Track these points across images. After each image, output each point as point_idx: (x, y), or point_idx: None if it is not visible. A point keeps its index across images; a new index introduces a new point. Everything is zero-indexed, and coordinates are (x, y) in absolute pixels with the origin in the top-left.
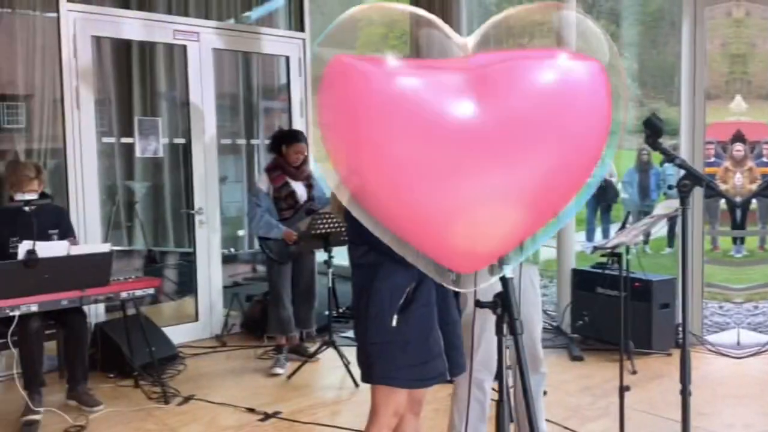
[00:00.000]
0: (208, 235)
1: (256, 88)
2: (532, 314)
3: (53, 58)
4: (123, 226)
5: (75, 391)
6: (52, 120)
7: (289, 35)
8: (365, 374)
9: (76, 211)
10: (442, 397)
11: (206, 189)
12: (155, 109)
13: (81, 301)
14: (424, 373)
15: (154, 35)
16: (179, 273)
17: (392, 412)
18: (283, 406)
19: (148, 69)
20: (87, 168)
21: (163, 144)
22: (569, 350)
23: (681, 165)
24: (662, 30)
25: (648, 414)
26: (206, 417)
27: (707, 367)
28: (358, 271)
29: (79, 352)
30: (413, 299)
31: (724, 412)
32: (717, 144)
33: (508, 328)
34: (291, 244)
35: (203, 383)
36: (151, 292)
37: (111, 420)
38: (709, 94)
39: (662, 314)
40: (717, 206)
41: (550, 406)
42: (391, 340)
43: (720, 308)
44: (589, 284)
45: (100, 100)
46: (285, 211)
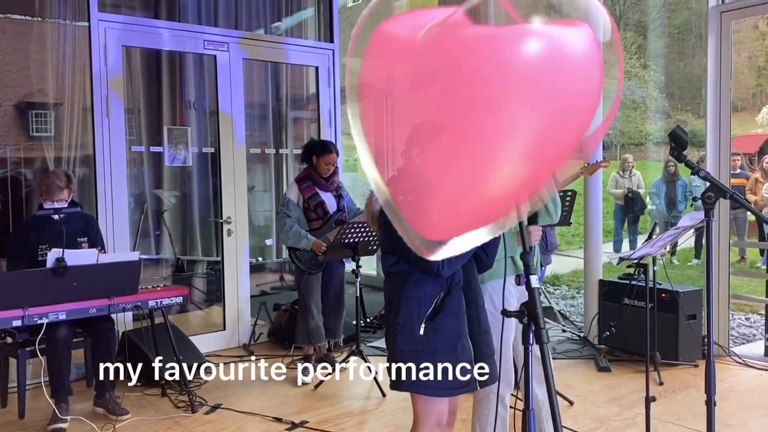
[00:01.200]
0: (236, 244)
1: (285, 98)
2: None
3: (83, 67)
4: (151, 234)
5: (102, 399)
6: (81, 128)
7: (319, 46)
8: (394, 382)
9: (105, 219)
10: (470, 407)
11: (235, 198)
12: (184, 118)
13: (109, 309)
14: (452, 381)
15: (184, 45)
16: (207, 282)
17: (435, 423)
18: (310, 416)
19: (178, 78)
20: (116, 176)
21: (192, 153)
22: (596, 361)
23: (705, 177)
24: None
25: (674, 425)
26: (233, 426)
27: (733, 378)
28: (389, 280)
29: (106, 360)
30: (442, 308)
31: (749, 424)
32: (743, 156)
33: (534, 337)
34: (320, 254)
35: (230, 392)
36: (178, 301)
37: (138, 428)
38: (735, 106)
39: (689, 325)
40: (744, 218)
41: (576, 417)
42: (420, 348)
43: (747, 319)
44: (616, 295)
45: (130, 109)
46: (315, 221)
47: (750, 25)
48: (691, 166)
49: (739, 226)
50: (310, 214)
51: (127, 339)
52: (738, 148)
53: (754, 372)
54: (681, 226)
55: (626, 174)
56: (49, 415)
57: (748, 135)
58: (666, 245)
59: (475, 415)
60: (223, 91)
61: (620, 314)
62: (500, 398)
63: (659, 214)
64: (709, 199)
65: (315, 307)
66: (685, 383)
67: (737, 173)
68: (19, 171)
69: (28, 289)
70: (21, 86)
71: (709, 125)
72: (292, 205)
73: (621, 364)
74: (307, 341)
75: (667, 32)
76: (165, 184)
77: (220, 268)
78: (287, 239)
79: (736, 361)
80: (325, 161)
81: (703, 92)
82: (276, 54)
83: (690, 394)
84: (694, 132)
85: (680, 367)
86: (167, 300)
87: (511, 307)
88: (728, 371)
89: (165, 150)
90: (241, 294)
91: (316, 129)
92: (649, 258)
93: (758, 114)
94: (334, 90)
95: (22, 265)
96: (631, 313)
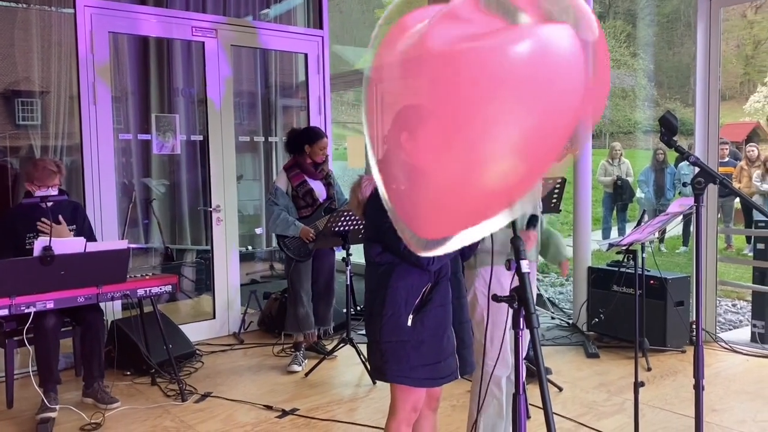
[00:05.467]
0: (225, 233)
1: (274, 86)
2: None
3: (70, 54)
4: (140, 223)
5: (91, 389)
6: (68, 116)
7: (308, 33)
8: (378, 372)
9: (93, 208)
10: (458, 393)
11: (224, 186)
12: (172, 106)
13: (97, 298)
14: (437, 372)
15: (171, 32)
16: (196, 270)
17: (411, 408)
18: (300, 404)
19: (166, 66)
20: (104, 165)
21: (181, 141)
22: (585, 347)
23: (695, 163)
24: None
25: (662, 410)
26: (223, 414)
27: (720, 364)
28: (373, 270)
29: (95, 349)
30: (429, 299)
31: (735, 408)
32: (731, 144)
33: (525, 321)
34: (309, 242)
35: (220, 380)
36: (168, 290)
37: (127, 417)
38: (723, 95)
39: (677, 312)
40: (731, 205)
41: (566, 403)
42: (406, 339)
43: (733, 306)
44: (604, 282)
45: (117, 97)
46: (304, 209)
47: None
48: (681, 152)
49: (726, 213)
50: (299, 202)
51: (116, 328)
52: (726, 137)
53: (740, 357)
54: (670, 212)
55: (615, 162)
56: (37, 404)
57: (736, 123)
58: (656, 231)
59: (473, 396)
60: (211, 79)
61: (609, 301)
62: (496, 381)
63: (648, 201)
64: (699, 185)
65: (304, 294)
66: (673, 369)
67: (725, 161)
68: (5, 159)
69: (15, 277)
70: (6, 74)
71: (697, 114)
72: (280, 193)
73: (609, 351)
74: (296, 329)
75: (656, 21)
76: (153, 173)
77: (210, 256)
78: (275, 227)
79: (723, 347)
80: (319, 147)
81: (692, 81)
82: (265, 41)
83: (678, 380)
84: (682, 120)
85: (668, 353)
86: (156, 289)
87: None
88: (715, 357)
89: (153, 138)
90: (230, 283)
91: (306, 117)
92: (638, 245)
93: (746, 103)
94: (324, 77)
95: (8, 253)
96: (620, 299)
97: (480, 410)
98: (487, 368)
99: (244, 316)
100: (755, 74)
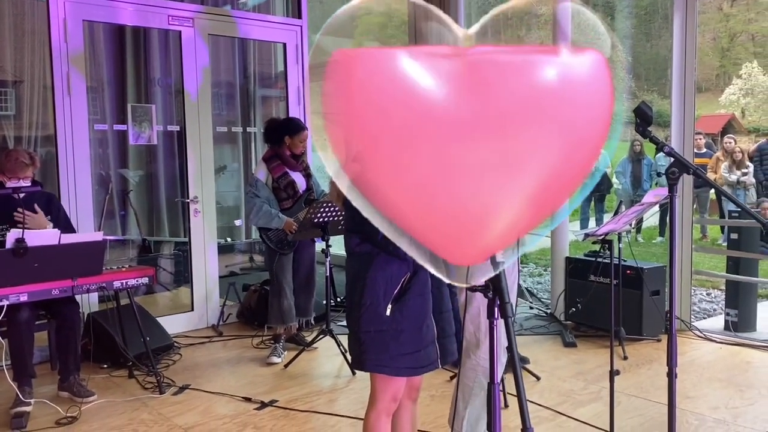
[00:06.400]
0: (203, 225)
1: (252, 76)
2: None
3: (43, 43)
4: (117, 215)
5: (67, 382)
6: (42, 107)
7: (287, 22)
8: (358, 362)
9: (68, 200)
10: (438, 383)
11: (201, 178)
12: (149, 95)
13: (73, 290)
14: (416, 361)
15: (147, 20)
16: (174, 263)
17: (390, 398)
18: (279, 395)
19: (143, 55)
20: (79, 156)
21: (157, 131)
22: (563, 337)
23: (669, 153)
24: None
25: (637, 398)
26: (201, 406)
27: (694, 352)
28: (353, 260)
29: (71, 342)
30: (408, 288)
31: (709, 395)
32: (706, 135)
33: (500, 311)
34: (292, 234)
35: (199, 373)
36: (144, 282)
37: (104, 410)
38: (699, 87)
39: (653, 301)
40: (707, 196)
41: (543, 392)
42: (385, 329)
43: (708, 295)
44: (582, 272)
45: (93, 87)
46: (285, 201)
47: (715, 6)
48: (655, 142)
49: (702, 204)
50: (280, 194)
51: (93, 320)
52: (702, 129)
53: (714, 345)
54: (645, 202)
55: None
56: (12, 398)
57: (712, 115)
58: (631, 221)
59: (460, 386)
60: (188, 68)
61: (586, 291)
62: (486, 373)
63: (625, 192)
64: (672, 175)
65: (287, 286)
66: (649, 357)
67: (702, 152)
68: None
69: None
70: None
71: (673, 105)
72: (261, 185)
73: (587, 340)
74: (279, 321)
75: (635, 13)
76: (130, 164)
77: (188, 248)
78: (258, 220)
79: (698, 335)
80: (300, 139)
81: (669, 73)
82: (243, 30)
83: (653, 368)
84: (659, 112)
85: (644, 341)
86: (132, 281)
87: None
88: (690, 345)
89: (129, 128)
90: (209, 275)
91: (285, 107)
92: (614, 235)
93: (721, 95)
94: (303, 67)
95: None
96: (597, 289)
97: (468, 402)
98: (480, 361)
99: (223, 308)
100: (731, 67)
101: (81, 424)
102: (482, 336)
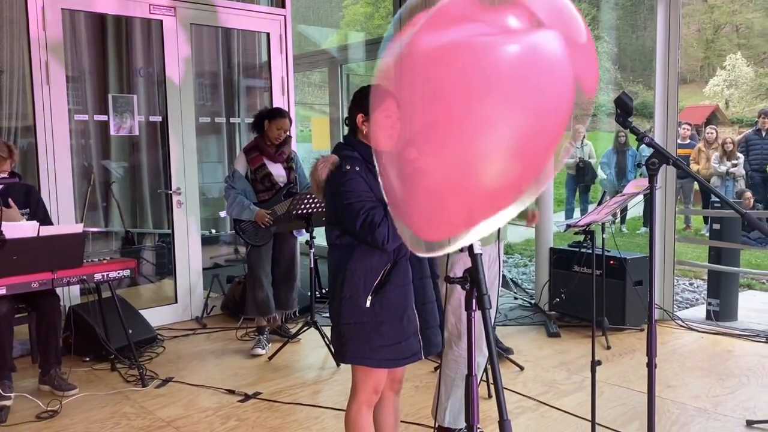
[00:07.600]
0: (186, 216)
1: (236, 66)
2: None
3: (21, 32)
4: (99, 206)
5: (47, 376)
6: (21, 97)
7: (270, 11)
8: (339, 354)
9: (48, 191)
10: (421, 374)
11: (184, 169)
12: (131, 86)
13: (52, 283)
14: (397, 353)
15: (128, 9)
16: (157, 254)
17: (372, 390)
18: (263, 387)
19: (124, 44)
20: (59, 147)
21: (139, 122)
22: (546, 327)
23: (650, 144)
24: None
25: (620, 387)
26: (185, 399)
27: (676, 341)
28: (334, 252)
29: (51, 335)
30: (388, 280)
31: (690, 384)
32: (692, 126)
33: (477, 302)
34: (264, 226)
35: (182, 365)
36: (126, 274)
37: (86, 404)
38: (684, 78)
39: (636, 291)
40: (691, 187)
41: (527, 382)
42: (365, 320)
43: (690, 285)
44: (566, 263)
45: (73, 77)
46: (262, 193)
47: None
48: (635, 133)
49: (686, 194)
50: (257, 185)
51: (74, 313)
52: (686, 119)
53: (695, 335)
54: (627, 193)
55: (578, 144)
56: None
57: (696, 106)
58: (613, 212)
59: (442, 377)
60: (170, 58)
61: (570, 281)
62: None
63: (610, 183)
64: (653, 165)
65: (264, 277)
66: (631, 347)
67: (686, 143)
68: None
69: None
70: None
71: (657, 96)
72: (238, 176)
73: (570, 330)
74: (256, 312)
75: (620, 4)
76: (112, 155)
77: (171, 240)
78: (231, 211)
79: (680, 325)
80: (277, 126)
81: (654, 64)
82: (225, 19)
83: (636, 357)
84: (645, 103)
85: (627, 331)
86: (114, 273)
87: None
88: (671, 334)
89: (110, 119)
90: (192, 266)
91: (269, 98)
92: (597, 226)
93: (706, 86)
94: (287, 57)
95: None
96: (581, 280)
97: (450, 393)
98: (462, 352)
99: (207, 300)
100: (715, 58)
101: (62, 418)
102: (463, 327)
